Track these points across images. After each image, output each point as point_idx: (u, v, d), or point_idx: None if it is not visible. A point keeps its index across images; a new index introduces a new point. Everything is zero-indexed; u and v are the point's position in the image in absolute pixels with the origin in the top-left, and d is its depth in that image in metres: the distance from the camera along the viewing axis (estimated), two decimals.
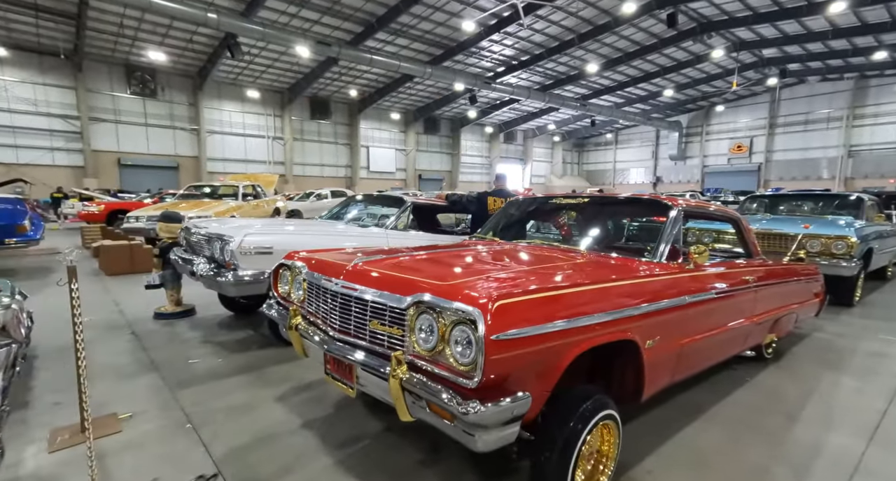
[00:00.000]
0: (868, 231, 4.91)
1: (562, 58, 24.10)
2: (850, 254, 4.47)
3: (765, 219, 5.42)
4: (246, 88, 22.87)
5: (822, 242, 4.61)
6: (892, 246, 5.90)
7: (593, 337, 1.60)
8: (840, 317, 4.46)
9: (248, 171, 23.83)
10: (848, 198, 5.63)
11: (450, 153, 33.13)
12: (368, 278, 1.72)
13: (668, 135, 37.07)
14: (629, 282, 1.87)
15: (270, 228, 3.55)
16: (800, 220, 5.18)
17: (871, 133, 28.49)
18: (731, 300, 2.49)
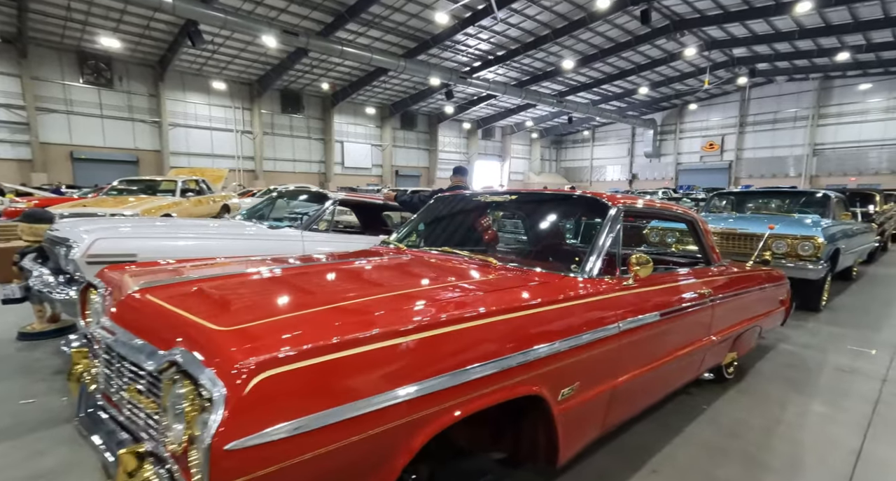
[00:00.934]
0: (835, 230, 4.56)
1: (538, 53, 23.73)
2: (816, 255, 4.10)
3: (730, 218, 5.04)
4: (211, 79, 21.69)
5: (788, 243, 4.23)
6: (858, 245, 5.61)
7: (463, 403, 1.07)
8: (807, 325, 4.09)
9: (216, 166, 22.71)
10: (815, 195, 5.29)
11: (427, 149, 32.46)
12: (135, 314, 1.15)
13: (644, 132, 37.26)
14: (534, 311, 1.35)
15: (142, 230, 2.92)
16: (766, 219, 4.82)
17: (835, 132, 29.12)
18: (682, 320, 2.02)
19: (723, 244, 4.59)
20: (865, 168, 28.22)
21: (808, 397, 2.66)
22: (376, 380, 0.92)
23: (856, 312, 4.57)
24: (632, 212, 2.10)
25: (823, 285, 4.39)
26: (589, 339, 1.43)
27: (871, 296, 5.39)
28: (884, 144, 27.33)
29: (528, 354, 1.23)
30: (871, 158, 28.08)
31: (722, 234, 4.59)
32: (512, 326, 1.25)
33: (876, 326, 4.09)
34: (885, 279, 6.40)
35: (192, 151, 21.99)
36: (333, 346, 0.90)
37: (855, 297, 5.23)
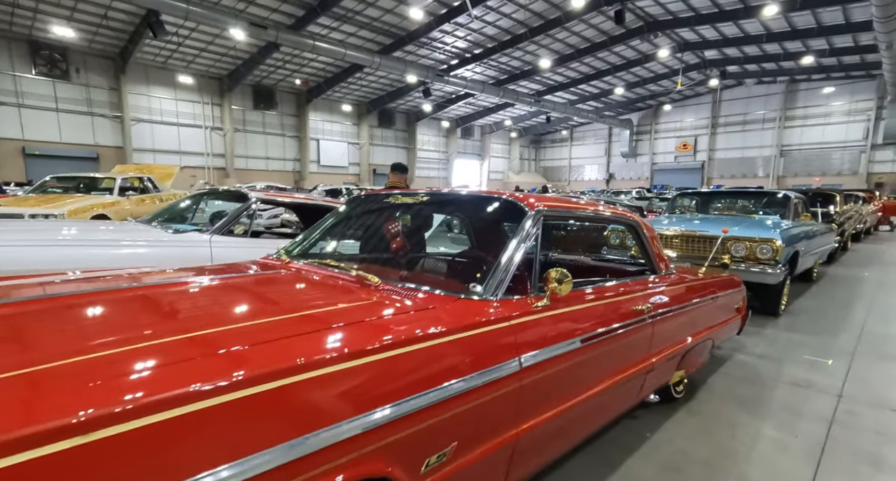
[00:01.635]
0: (794, 232, 4.39)
1: (515, 52, 23.56)
2: (775, 259, 3.90)
3: (691, 219, 4.83)
4: (178, 73, 20.73)
5: (746, 246, 4.03)
6: (819, 246, 5.49)
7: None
8: (765, 331, 3.89)
9: (183, 164, 21.78)
10: (775, 196, 5.14)
11: (405, 147, 31.97)
12: None
13: (621, 133, 37.62)
14: (388, 355, 1.00)
15: (13, 235, 2.46)
16: (726, 221, 4.62)
17: (801, 134, 29.91)
18: (612, 344, 1.71)
19: (682, 247, 4.37)
20: (829, 169, 29.08)
21: (760, 419, 2.40)
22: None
23: (814, 316, 4.41)
24: (555, 217, 1.78)
25: (782, 289, 4.21)
26: (466, 387, 1.09)
27: (830, 298, 5.27)
28: (845, 146, 28.21)
29: (364, 420, 0.88)
30: (833, 159, 28.95)
31: (682, 237, 4.37)
32: (347, 380, 0.91)
33: (833, 331, 3.93)
34: (844, 280, 6.34)
35: (158, 148, 20.99)
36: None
37: (814, 300, 5.10)
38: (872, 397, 2.64)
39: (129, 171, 7.89)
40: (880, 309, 4.73)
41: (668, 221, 4.67)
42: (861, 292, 5.55)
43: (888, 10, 15.05)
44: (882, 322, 4.24)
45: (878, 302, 5.04)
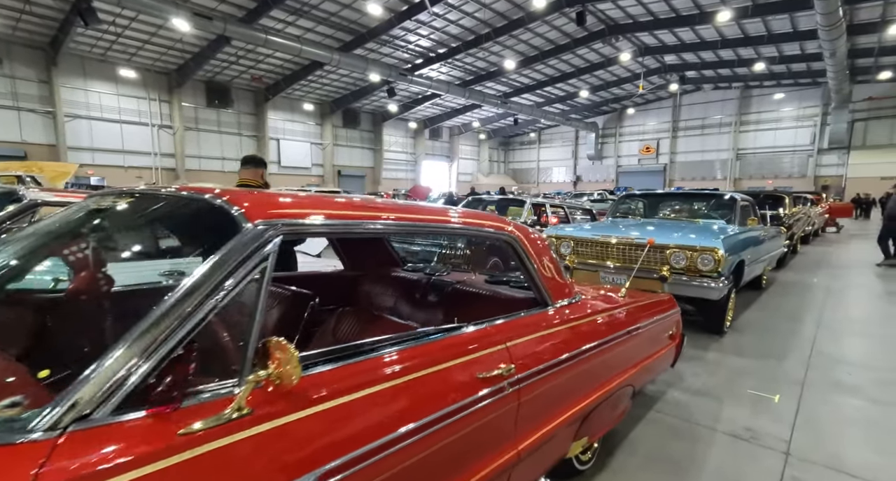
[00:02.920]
0: (740, 239, 3.88)
1: (479, 53, 23.09)
2: (717, 270, 3.35)
3: (627, 225, 4.26)
4: (119, 67, 19.08)
5: (686, 255, 3.46)
6: (767, 253, 5.05)
7: None
8: (707, 355, 3.33)
9: (128, 164, 20.17)
10: (722, 198, 4.65)
11: (372, 148, 30.98)
12: None
13: (587, 135, 37.86)
14: None
15: None
16: (669, 227, 4.08)
17: (755, 138, 30.80)
18: (421, 450, 1.02)
19: (618, 256, 3.78)
20: (780, 172, 30.04)
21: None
22: None
23: (762, 333, 3.91)
24: (312, 232, 1.06)
25: (727, 304, 3.68)
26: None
27: (778, 309, 4.83)
28: (795, 150, 29.18)
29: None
30: (784, 163, 29.92)
31: (613, 245, 3.77)
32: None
33: (781, 352, 3.41)
34: (794, 287, 5.98)
35: (98, 147, 19.27)
36: None
37: (763, 312, 4.64)
38: (825, 453, 2.08)
39: (13, 169, 6.74)
40: (830, 322, 4.30)
41: (599, 227, 4.09)
42: (810, 301, 5.15)
43: (831, 18, 15.38)
44: (832, 339, 3.77)
45: (827, 313, 4.62)
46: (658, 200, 5.12)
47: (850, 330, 4.04)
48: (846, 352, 3.42)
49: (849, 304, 5.00)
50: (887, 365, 3.16)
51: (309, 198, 1.11)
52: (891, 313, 4.62)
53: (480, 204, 6.50)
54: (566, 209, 6.70)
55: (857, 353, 3.42)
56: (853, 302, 5.13)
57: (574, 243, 4.03)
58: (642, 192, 5.22)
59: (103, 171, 19.19)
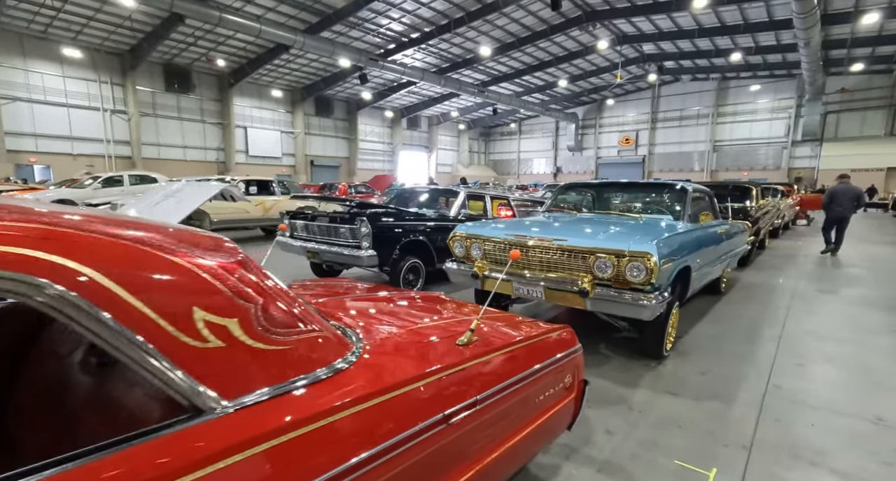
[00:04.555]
0: (686, 239, 3.08)
1: (454, 38, 21.95)
2: (650, 281, 2.55)
3: (555, 221, 3.42)
4: (62, 45, 17.41)
5: (612, 262, 2.64)
6: (724, 253, 4.30)
7: None
8: (633, 395, 2.53)
9: (77, 151, 18.64)
10: (673, 189, 3.84)
11: (347, 138, 29.65)
12: None
13: (567, 126, 37.10)
14: None
15: None
16: (601, 223, 3.26)
17: (731, 130, 30.43)
18: None
19: (534, 263, 2.95)
20: (756, 163, 29.79)
21: None
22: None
23: (710, 357, 3.14)
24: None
25: (666, 322, 2.88)
26: None
27: (735, 319, 4.09)
28: (770, 142, 28.91)
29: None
30: (760, 155, 29.66)
31: (533, 249, 2.93)
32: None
33: (730, 388, 2.64)
34: (757, 289, 5.27)
35: (42, 132, 17.66)
36: None
37: (716, 324, 3.88)
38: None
39: None
40: (792, 338, 3.56)
41: (515, 225, 3.24)
42: (773, 309, 4.43)
43: (805, 5, 14.74)
44: (794, 363, 3.03)
45: (790, 326, 3.89)
46: (602, 192, 4.30)
47: (815, 350, 3.30)
48: (809, 386, 2.67)
49: (815, 312, 4.29)
50: (859, 407, 2.41)
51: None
52: (860, 324, 3.91)
53: (411, 194, 5.61)
54: (511, 202, 5.86)
55: (823, 387, 2.67)
56: (820, 309, 4.42)
57: (485, 245, 3.18)
58: (584, 182, 4.38)
59: (49, 159, 17.68)
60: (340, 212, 4.27)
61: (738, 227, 4.92)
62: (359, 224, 3.86)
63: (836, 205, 7.43)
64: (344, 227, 4.00)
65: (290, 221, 4.43)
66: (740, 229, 5.01)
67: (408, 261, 4.25)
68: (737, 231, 4.83)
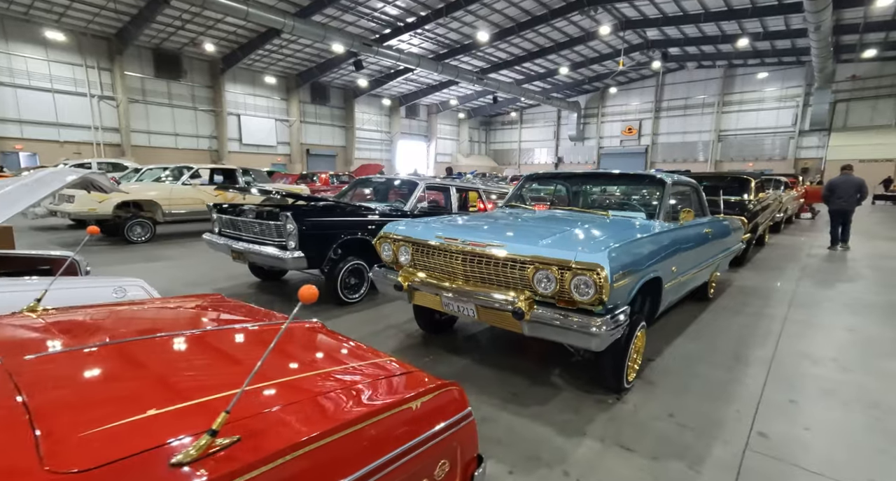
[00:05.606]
0: (651, 245, 2.45)
1: (452, 23, 20.99)
2: (599, 299, 1.95)
3: (500, 220, 2.81)
4: (45, 28, 16.73)
5: (556, 276, 2.04)
6: (714, 254, 3.67)
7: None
8: (575, 452, 1.94)
9: (64, 138, 18.12)
10: (649, 180, 3.20)
11: (343, 126, 28.87)
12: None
13: (569, 115, 36.02)
14: None
15: None
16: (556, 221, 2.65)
17: (737, 119, 29.30)
18: None
19: (465, 273, 2.36)
20: (761, 154, 28.72)
21: None
22: None
23: (681, 389, 2.55)
24: None
25: (625, 352, 2.29)
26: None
27: (720, 334, 3.48)
28: (776, 132, 27.77)
29: None
30: (766, 145, 28.56)
31: (463, 255, 2.34)
32: None
33: (698, 441, 2.06)
34: (750, 295, 4.64)
35: (27, 118, 17.13)
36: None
37: (696, 342, 3.28)
38: None
39: None
40: (786, 362, 2.96)
41: (451, 224, 2.62)
42: (767, 320, 3.82)
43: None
44: (785, 400, 2.43)
45: (784, 346, 3.28)
46: (571, 184, 3.67)
47: (813, 380, 2.70)
48: (803, 436, 2.08)
49: (815, 326, 3.67)
50: (868, 472, 1.82)
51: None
52: (867, 342, 3.29)
53: (366, 185, 5.01)
54: (481, 193, 5.23)
55: (820, 438, 2.08)
56: (820, 322, 3.80)
57: (413, 249, 2.59)
58: (550, 173, 3.74)
59: (35, 146, 17.18)
60: (269, 206, 3.68)
61: (729, 225, 4.28)
62: (283, 220, 3.28)
63: (836, 197, 7.05)
64: (268, 224, 3.42)
65: (217, 216, 3.86)
66: (733, 226, 4.36)
67: (349, 262, 3.67)
68: (729, 228, 4.19)
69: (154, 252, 5.88)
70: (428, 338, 3.14)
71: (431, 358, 2.81)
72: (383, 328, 3.26)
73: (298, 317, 1.22)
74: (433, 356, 2.84)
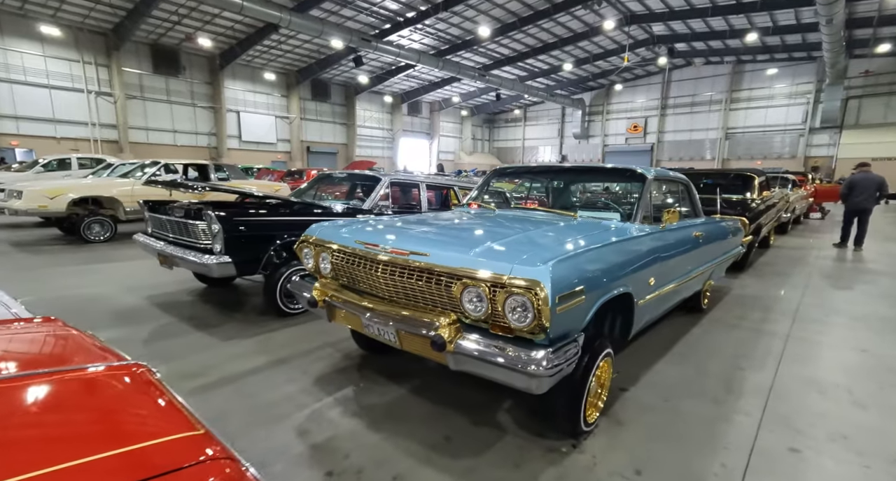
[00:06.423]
0: (616, 254, 1.95)
1: (452, 18, 20.47)
2: (540, 325, 1.48)
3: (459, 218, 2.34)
4: (41, 23, 16.51)
5: (486, 294, 1.58)
6: (706, 261, 3.17)
7: None
8: None
9: (61, 134, 17.95)
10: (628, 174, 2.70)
11: (344, 123, 28.48)
12: None
13: (573, 113, 35.32)
14: None
15: None
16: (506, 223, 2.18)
17: (745, 116, 28.43)
18: None
19: (388, 288, 1.90)
20: (770, 152, 27.85)
21: None
22: None
23: (655, 432, 2.08)
24: None
25: (582, 389, 1.81)
26: None
27: (708, 357, 2.98)
28: (786, 129, 26.86)
29: None
30: (775, 142, 27.68)
31: (385, 266, 1.88)
32: None
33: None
34: (750, 305, 4.13)
35: (23, 114, 16.96)
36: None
37: (681, 365, 2.79)
38: None
39: None
40: (787, 393, 2.46)
41: (380, 226, 2.15)
42: (767, 338, 3.31)
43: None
44: (785, 449, 1.94)
45: (786, 370, 2.78)
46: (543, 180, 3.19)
47: (821, 418, 2.21)
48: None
49: (823, 344, 3.16)
50: None
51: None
52: (885, 368, 2.78)
53: (330, 180, 4.58)
54: (456, 190, 4.77)
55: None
56: (829, 340, 3.29)
57: (332, 255, 2.14)
58: (519, 167, 3.25)
59: (31, 142, 17.02)
60: (199, 204, 3.26)
61: (727, 226, 3.76)
62: (207, 220, 2.85)
63: (855, 195, 6.71)
64: (194, 225, 3.00)
65: (148, 215, 3.46)
66: (731, 228, 3.84)
67: (292, 267, 3.23)
68: (726, 231, 3.68)
69: (109, 252, 5.51)
70: (370, 358, 2.70)
71: (362, 386, 2.36)
72: (319, 346, 2.82)
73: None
74: (366, 383, 2.40)
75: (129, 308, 3.39)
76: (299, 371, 2.45)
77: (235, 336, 2.89)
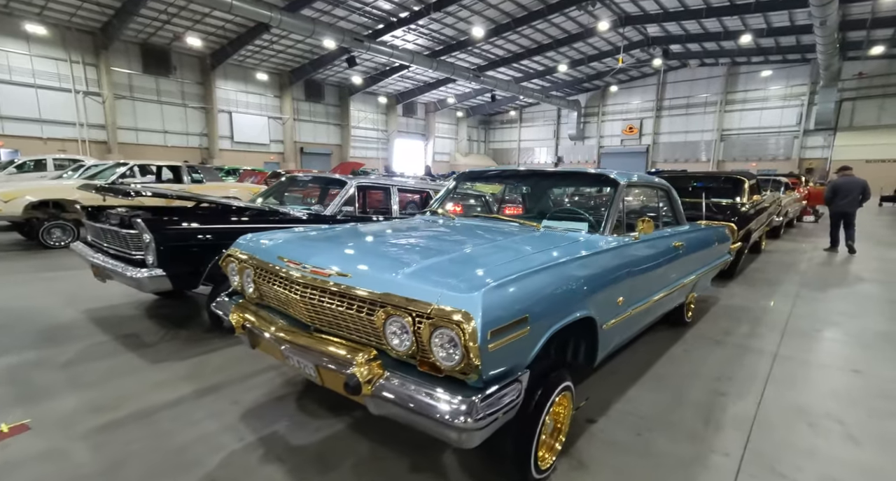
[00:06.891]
0: (569, 279, 1.68)
1: (446, 18, 20.24)
2: (471, 365, 1.22)
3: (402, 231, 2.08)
4: (25, 21, 16.15)
5: (410, 326, 1.31)
6: (689, 271, 2.91)
7: None
8: None
9: (47, 135, 17.60)
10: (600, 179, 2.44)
11: (338, 124, 28.18)
12: None
13: (569, 114, 35.14)
14: None
15: None
16: (450, 236, 1.91)
17: (740, 118, 28.31)
18: None
19: (307, 313, 1.64)
20: (765, 154, 27.74)
21: None
22: None
23: (622, 479, 1.82)
24: None
25: (532, 431, 1.55)
26: None
27: (687, 381, 2.72)
28: (780, 131, 26.74)
29: None
30: (769, 144, 27.56)
31: (303, 288, 1.61)
32: None
33: None
34: (737, 317, 3.87)
35: (7, 114, 16.59)
36: None
37: (656, 391, 2.53)
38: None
39: None
40: (773, 423, 2.20)
41: (307, 240, 1.88)
42: (754, 356, 3.05)
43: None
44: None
45: (772, 396, 2.52)
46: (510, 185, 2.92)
47: (810, 456, 1.95)
48: None
49: (812, 364, 2.91)
50: None
51: None
52: (881, 392, 2.53)
53: (296, 183, 4.31)
54: (431, 195, 4.50)
55: None
56: (820, 359, 3.03)
57: (255, 273, 1.87)
58: (486, 171, 2.99)
59: (17, 143, 16.65)
60: (137, 210, 2.98)
61: (713, 234, 3.51)
62: (138, 229, 2.58)
63: (839, 199, 6.74)
64: (125, 234, 2.72)
65: (86, 222, 3.18)
66: (717, 236, 3.59)
67: None
68: (711, 238, 3.42)
69: (67, 259, 5.21)
70: (313, 384, 2.42)
71: (293, 419, 2.08)
72: (260, 369, 2.55)
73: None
74: (303, 415, 2.12)
75: (64, 323, 3.10)
76: (229, 401, 2.18)
77: (168, 358, 2.61)
